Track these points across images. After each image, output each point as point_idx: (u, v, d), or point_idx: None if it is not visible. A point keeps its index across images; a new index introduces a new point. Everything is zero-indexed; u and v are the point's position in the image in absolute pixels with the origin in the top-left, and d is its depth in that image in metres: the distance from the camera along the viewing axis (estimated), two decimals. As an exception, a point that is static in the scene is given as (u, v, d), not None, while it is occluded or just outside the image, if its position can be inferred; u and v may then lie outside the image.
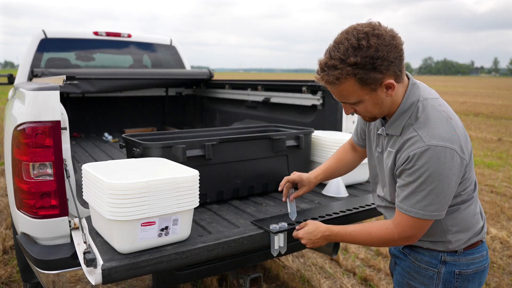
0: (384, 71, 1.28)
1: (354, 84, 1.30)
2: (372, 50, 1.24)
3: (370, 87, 1.30)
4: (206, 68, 4.58)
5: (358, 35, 1.26)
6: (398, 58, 1.29)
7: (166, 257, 1.49)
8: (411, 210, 1.34)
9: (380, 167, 1.56)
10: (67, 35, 4.31)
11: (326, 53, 1.33)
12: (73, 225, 1.81)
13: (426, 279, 1.48)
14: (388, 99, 1.36)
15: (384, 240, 1.43)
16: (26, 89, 1.79)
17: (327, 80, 1.33)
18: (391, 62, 1.27)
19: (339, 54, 1.27)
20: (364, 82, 1.29)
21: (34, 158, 1.70)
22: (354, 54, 1.25)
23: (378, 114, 1.42)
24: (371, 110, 1.39)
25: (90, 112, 4.48)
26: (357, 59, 1.25)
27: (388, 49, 1.26)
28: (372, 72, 1.26)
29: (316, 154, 2.52)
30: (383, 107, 1.38)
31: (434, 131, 1.31)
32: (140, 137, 2.18)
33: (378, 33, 1.26)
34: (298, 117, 3.27)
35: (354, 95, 1.34)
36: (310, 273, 3.22)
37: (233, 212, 2.01)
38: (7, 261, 3.28)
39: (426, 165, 1.28)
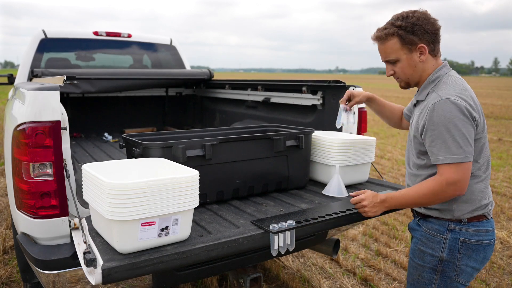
0: (420, 36, 1.66)
1: (396, 42, 1.69)
2: (414, 19, 1.66)
3: (407, 47, 1.68)
4: (206, 68, 4.58)
5: (409, 11, 1.70)
6: (433, 33, 1.67)
7: (166, 257, 1.49)
8: (446, 158, 1.57)
9: (409, 134, 1.83)
10: (67, 35, 4.30)
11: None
12: (73, 225, 1.81)
13: (435, 244, 1.71)
14: (420, 65, 1.71)
15: (436, 190, 1.61)
16: (26, 89, 1.79)
17: (378, 36, 1.74)
18: (426, 32, 1.66)
19: (391, 20, 1.72)
20: (404, 41, 1.67)
21: (34, 158, 1.70)
22: (401, 19, 1.68)
23: (411, 78, 1.75)
24: (406, 71, 1.73)
25: (90, 112, 4.48)
26: (402, 23, 1.67)
27: (426, 22, 1.66)
28: (410, 34, 1.66)
29: (316, 154, 2.52)
30: (416, 71, 1.72)
31: (448, 90, 1.62)
32: (140, 137, 2.18)
33: (424, 12, 1.69)
34: (298, 117, 3.27)
35: (394, 53, 1.71)
36: (310, 273, 3.22)
37: (233, 212, 2.01)
38: (7, 261, 3.29)
39: (442, 115, 1.57)
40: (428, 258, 1.72)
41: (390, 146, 8.80)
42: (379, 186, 2.55)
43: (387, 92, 29.67)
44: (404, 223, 4.34)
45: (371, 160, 2.57)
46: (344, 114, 2.19)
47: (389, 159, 7.45)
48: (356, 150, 2.45)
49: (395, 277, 3.19)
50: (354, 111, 2.31)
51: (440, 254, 1.69)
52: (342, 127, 2.77)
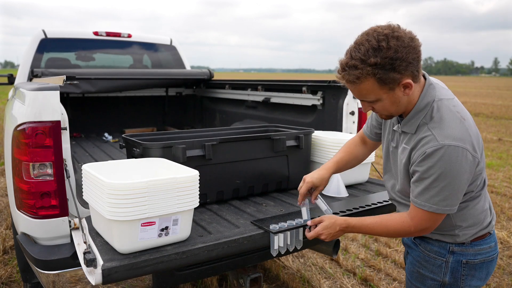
0: (403, 71, 1.33)
1: (373, 84, 1.35)
2: (392, 52, 1.30)
3: (388, 86, 1.36)
4: (206, 68, 4.58)
5: (379, 37, 1.31)
6: (415, 59, 1.35)
7: (166, 257, 1.49)
8: (425, 205, 1.40)
9: (394, 162, 1.61)
10: (67, 35, 4.30)
11: (347, 53, 1.38)
12: (73, 225, 1.81)
13: (435, 267, 1.56)
14: (405, 98, 1.42)
15: (401, 232, 1.50)
16: (26, 89, 1.79)
17: (348, 79, 1.38)
18: (409, 63, 1.33)
19: (359, 55, 1.33)
20: (383, 81, 1.34)
21: (34, 158, 1.70)
22: (374, 55, 1.31)
23: (395, 112, 1.48)
24: (388, 108, 1.45)
25: (90, 112, 4.48)
26: (377, 59, 1.30)
27: (406, 50, 1.31)
28: (391, 72, 1.32)
29: (316, 154, 2.52)
30: (400, 105, 1.44)
31: (448, 131, 1.37)
32: (140, 137, 2.18)
33: (398, 35, 1.32)
34: (298, 117, 3.27)
35: (373, 94, 1.39)
36: (310, 273, 3.22)
37: (233, 212, 2.01)
38: (7, 261, 3.28)
39: (439, 163, 1.34)
40: (429, 282, 1.58)
41: (390, 146, 8.79)
42: (379, 186, 2.55)
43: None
44: (404, 223, 4.33)
45: (371, 160, 2.57)
46: (306, 211, 1.81)
47: (389, 159, 7.44)
48: (356, 150, 2.45)
49: (395, 277, 3.19)
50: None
51: (442, 278, 1.55)
52: (342, 127, 2.78)
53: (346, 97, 2.74)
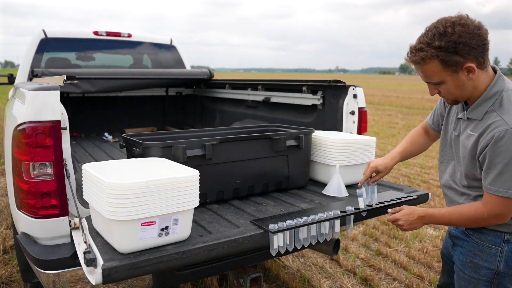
0: (466, 55, 1.43)
1: (437, 65, 1.46)
2: (456, 36, 1.41)
3: (451, 68, 1.46)
4: (206, 68, 4.58)
5: (446, 24, 1.44)
6: (480, 46, 1.44)
7: (166, 257, 1.49)
8: (500, 190, 1.47)
9: (456, 149, 1.69)
10: (67, 34, 4.30)
11: (417, 39, 1.51)
12: (73, 225, 1.81)
13: (490, 256, 1.62)
14: (469, 83, 1.50)
15: (475, 219, 1.56)
16: (26, 89, 1.79)
17: (414, 60, 1.51)
18: (472, 48, 1.42)
19: (426, 39, 1.46)
20: (446, 63, 1.45)
21: (34, 158, 1.70)
22: (439, 39, 1.43)
23: (459, 97, 1.56)
24: (452, 91, 1.53)
25: (90, 112, 4.48)
26: (441, 43, 1.42)
27: (470, 36, 1.41)
28: (453, 55, 1.42)
29: (316, 154, 2.52)
30: (464, 90, 1.52)
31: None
32: (140, 137, 2.18)
33: (464, 23, 1.43)
34: (298, 117, 3.27)
35: (437, 76, 1.50)
36: (310, 273, 3.22)
37: (233, 212, 2.01)
38: (7, 261, 3.29)
39: (510, 147, 1.42)
40: (483, 271, 1.63)
41: (390, 146, 8.80)
42: (379, 186, 2.55)
43: (387, 92, 29.68)
44: (404, 223, 4.33)
45: (371, 160, 2.57)
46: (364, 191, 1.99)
47: (389, 159, 7.44)
48: (356, 150, 2.45)
49: (395, 277, 3.19)
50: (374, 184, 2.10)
51: (497, 267, 1.60)
52: (342, 127, 2.78)
53: (346, 97, 2.74)
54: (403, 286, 3.08)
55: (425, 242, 3.87)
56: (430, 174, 6.44)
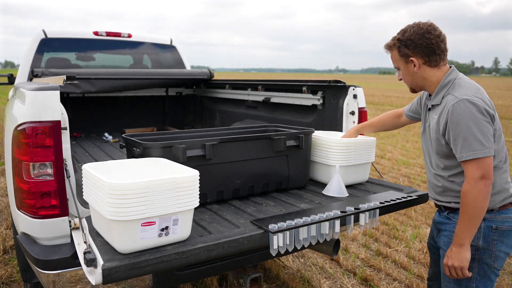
0: (411, 50, 1.82)
1: (396, 53, 1.89)
2: (408, 34, 1.82)
3: (403, 59, 1.86)
4: (206, 68, 4.58)
5: (411, 25, 1.84)
6: (426, 46, 1.79)
7: (166, 257, 1.49)
8: (469, 154, 1.66)
9: (428, 138, 1.92)
10: (67, 35, 4.30)
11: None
12: (73, 225, 1.81)
13: None
14: (417, 74, 1.85)
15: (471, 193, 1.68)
16: (27, 89, 1.79)
17: (385, 46, 1.95)
18: (417, 46, 1.80)
19: (397, 35, 1.88)
20: (400, 53, 1.86)
21: (34, 158, 1.70)
22: (401, 34, 1.85)
23: (413, 84, 1.91)
24: (406, 78, 1.90)
25: (90, 112, 4.48)
26: (401, 36, 1.85)
27: (419, 37, 1.79)
28: (404, 48, 1.83)
29: (316, 154, 2.52)
30: (414, 79, 1.88)
31: (464, 91, 1.73)
32: (140, 137, 2.18)
33: (421, 26, 1.81)
34: (298, 117, 3.27)
35: (396, 62, 1.91)
36: (310, 273, 3.22)
37: (233, 212, 2.01)
38: (7, 261, 3.29)
39: (463, 113, 1.67)
40: None
41: (390, 146, 8.80)
42: (379, 186, 2.55)
43: (387, 92, 29.68)
44: (404, 223, 4.34)
45: (371, 160, 2.57)
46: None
47: (389, 159, 7.44)
48: (356, 150, 2.45)
49: (395, 277, 3.19)
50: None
51: (476, 243, 1.76)
52: (342, 127, 2.78)
53: (346, 97, 2.74)
54: (403, 286, 3.08)
55: (425, 242, 3.86)
56: (430, 174, 6.44)
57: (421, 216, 4.55)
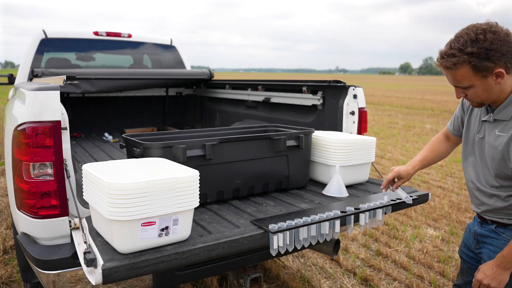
0: (496, 61, 1.48)
1: (468, 70, 1.51)
2: (487, 43, 1.47)
3: (482, 73, 1.51)
4: (207, 68, 4.58)
5: (477, 31, 1.49)
6: (509, 52, 1.49)
7: (166, 257, 1.49)
8: None
9: (480, 152, 1.73)
10: (67, 35, 4.31)
11: (447, 44, 1.57)
12: (74, 225, 1.81)
13: None
14: (497, 87, 1.56)
15: None
16: (27, 89, 1.79)
17: (445, 66, 1.56)
18: (503, 54, 1.48)
19: (458, 45, 1.51)
20: (477, 69, 1.50)
21: (34, 158, 1.70)
22: (472, 46, 1.48)
23: (486, 100, 1.61)
24: (480, 95, 1.58)
25: (90, 112, 4.48)
26: (474, 49, 1.47)
27: (501, 43, 1.47)
28: (485, 61, 1.48)
29: (316, 154, 2.52)
30: (492, 93, 1.57)
31: None
32: (140, 137, 2.18)
33: (494, 30, 1.49)
34: (298, 117, 3.27)
35: (467, 80, 1.55)
36: (310, 273, 3.22)
37: (233, 212, 2.01)
38: (7, 261, 3.29)
39: None
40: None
41: (390, 146, 8.80)
42: (379, 186, 2.55)
43: (387, 92, 29.68)
44: (404, 223, 4.34)
45: (371, 160, 2.57)
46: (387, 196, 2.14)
47: (389, 159, 7.45)
48: (356, 150, 2.45)
49: (395, 277, 3.19)
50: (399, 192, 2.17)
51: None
52: (342, 127, 2.78)
53: (346, 97, 2.74)
54: (403, 286, 3.08)
55: (425, 242, 3.86)
56: (430, 174, 6.44)
57: (421, 216, 4.55)
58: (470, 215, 4.57)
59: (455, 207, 4.82)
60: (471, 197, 1.84)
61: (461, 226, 4.27)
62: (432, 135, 10.21)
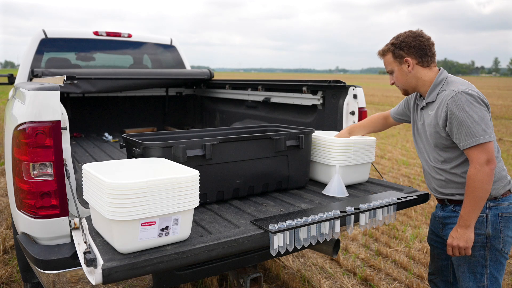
0: (406, 51, 1.97)
1: (390, 57, 2.03)
2: (402, 37, 1.99)
3: (398, 60, 2.00)
4: (206, 68, 4.58)
5: (403, 32, 2.01)
6: (418, 48, 1.95)
7: (166, 257, 1.49)
8: (473, 141, 1.77)
9: (424, 136, 2.03)
10: (67, 35, 4.31)
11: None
12: (74, 225, 1.81)
13: (479, 224, 1.88)
14: (411, 74, 1.98)
15: (480, 179, 1.78)
16: (27, 89, 1.79)
17: (379, 52, 2.10)
18: (411, 47, 1.96)
19: (390, 41, 2.04)
20: (395, 55, 2.00)
21: (34, 158, 1.70)
22: (395, 39, 2.02)
23: (406, 86, 2.04)
24: (400, 79, 2.03)
25: (90, 112, 4.48)
26: (394, 41, 2.01)
27: (412, 39, 1.96)
28: (399, 50, 1.98)
29: (317, 154, 2.52)
30: (408, 80, 2.01)
31: (458, 85, 1.88)
32: (140, 137, 2.18)
33: (413, 31, 1.99)
34: (298, 117, 3.27)
35: (390, 65, 2.05)
36: (310, 273, 3.22)
37: (233, 212, 2.01)
38: (7, 261, 3.29)
39: (463, 104, 1.79)
40: (476, 238, 1.87)
41: (390, 146, 8.80)
42: (379, 186, 2.55)
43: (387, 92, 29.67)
44: (404, 223, 4.34)
45: (371, 160, 2.57)
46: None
47: (389, 159, 7.44)
48: (356, 150, 2.45)
49: (395, 277, 3.19)
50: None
51: (486, 231, 1.88)
52: (342, 127, 2.78)
53: (346, 97, 2.74)
54: (403, 286, 3.08)
55: (425, 242, 3.86)
56: (430, 174, 6.44)
57: (421, 216, 4.55)
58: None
59: (455, 207, 4.82)
60: (428, 181, 2.09)
61: (461, 226, 4.26)
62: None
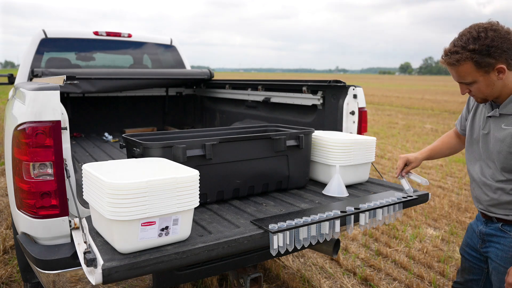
0: (497, 57, 1.56)
1: (471, 66, 1.59)
2: (489, 40, 1.55)
3: (484, 69, 1.59)
4: (207, 68, 4.58)
5: (479, 29, 1.57)
6: (510, 49, 1.56)
7: (166, 257, 1.49)
8: None
9: (485, 147, 1.77)
10: (67, 34, 4.31)
11: (451, 42, 1.65)
12: (74, 225, 1.81)
13: None
14: (499, 83, 1.62)
15: None
16: (27, 89, 1.79)
17: (449, 62, 1.64)
18: (503, 51, 1.55)
19: (461, 43, 1.59)
20: (479, 65, 1.58)
21: (34, 158, 1.70)
22: (474, 43, 1.56)
23: (489, 96, 1.67)
24: (483, 90, 1.65)
25: (90, 112, 4.49)
26: (476, 46, 1.56)
27: (502, 40, 1.55)
28: (486, 57, 1.56)
29: (316, 154, 2.52)
30: (494, 89, 1.64)
31: None
32: (140, 137, 2.18)
33: (495, 28, 1.57)
34: (298, 117, 3.27)
35: (470, 76, 1.62)
36: (310, 273, 3.22)
37: (233, 212, 2.01)
38: (7, 261, 3.29)
39: None
40: None
41: (390, 146, 8.80)
42: (379, 186, 2.55)
43: (387, 92, 29.68)
44: (404, 223, 4.34)
45: (371, 160, 2.57)
46: (406, 181, 2.29)
47: (389, 159, 7.45)
48: (356, 150, 2.45)
49: (395, 277, 3.19)
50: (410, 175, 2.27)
51: None
52: (342, 127, 2.78)
53: (346, 97, 2.74)
54: (403, 286, 3.08)
55: (425, 242, 3.87)
56: (430, 174, 6.44)
57: (421, 216, 4.55)
58: (470, 215, 4.57)
59: (455, 207, 4.82)
60: (476, 194, 1.86)
61: (461, 226, 4.27)
62: (432, 135, 10.21)
